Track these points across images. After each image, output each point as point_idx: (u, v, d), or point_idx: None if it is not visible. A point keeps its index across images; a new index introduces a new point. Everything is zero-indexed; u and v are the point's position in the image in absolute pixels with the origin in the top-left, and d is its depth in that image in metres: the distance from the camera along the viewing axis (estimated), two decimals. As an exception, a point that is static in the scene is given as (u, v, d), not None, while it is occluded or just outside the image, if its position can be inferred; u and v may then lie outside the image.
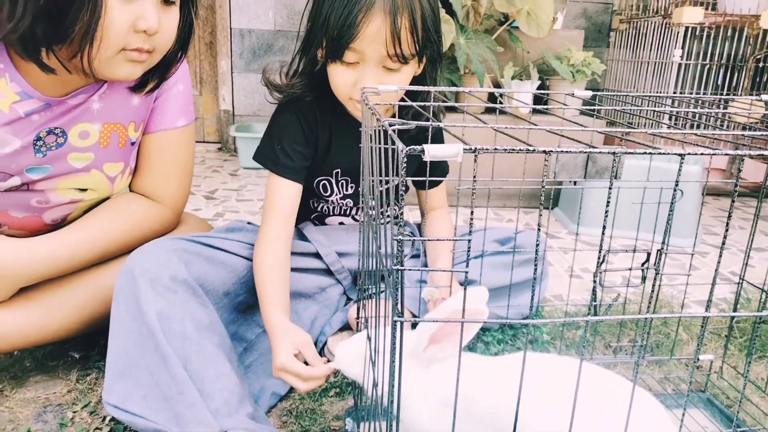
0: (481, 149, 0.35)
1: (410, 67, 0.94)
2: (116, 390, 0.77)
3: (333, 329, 1.03)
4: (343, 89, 0.94)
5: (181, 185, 1.05)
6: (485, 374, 0.64)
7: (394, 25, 0.86)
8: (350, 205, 1.13)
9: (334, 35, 0.87)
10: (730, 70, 2.56)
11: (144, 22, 0.77)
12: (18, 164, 0.88)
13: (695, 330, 1.17)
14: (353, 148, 1.04)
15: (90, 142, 0.93)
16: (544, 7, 2.01)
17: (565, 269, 1.56)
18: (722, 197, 2.45)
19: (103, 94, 0.92)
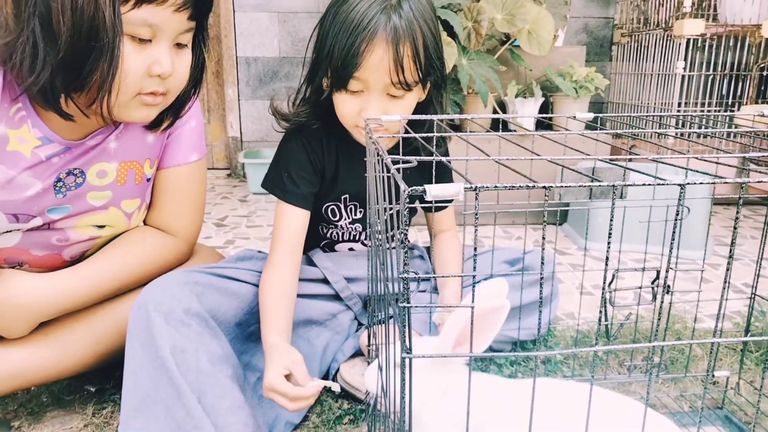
0: (482, 187, 0.36)
1: (414, 93, 0.96)
2: (133, 426, 0.78)
3: (345, 356, 1.04)
4: (348, 118, 0.96)
5: (194, 218, 1.07)
6: (499, 403, 0.64)
7: (396, 54, 0.88)
8: (359, 230, 1.14)
9: (339, 65, 0.89)
10: (735, 79, 2.56)
11: (158, 66, 0.78)
12: (39, 206, 0.90)
13: (710, 345, 1.16)
14: (361, 174, 1.06)
15: (108, 180, 0.96)
16: (544, 25, 2.03)
17: (576, 286, 1.56)
18: (732, 206, 2.44)
19: (119, 134, 0.94)
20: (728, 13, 2.40)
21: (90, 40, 0.71)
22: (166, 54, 0.79)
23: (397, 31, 0.88)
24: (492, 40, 2.14)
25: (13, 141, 0.83)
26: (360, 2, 0.90)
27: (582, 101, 2.21)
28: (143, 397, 0.78)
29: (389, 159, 0.46)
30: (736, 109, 2.55)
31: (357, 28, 0.88)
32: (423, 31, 0.91)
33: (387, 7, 0.89)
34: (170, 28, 0.78)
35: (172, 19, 0.77)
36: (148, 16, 0.75)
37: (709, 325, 1.31)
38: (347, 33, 0.88)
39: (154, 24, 0.76)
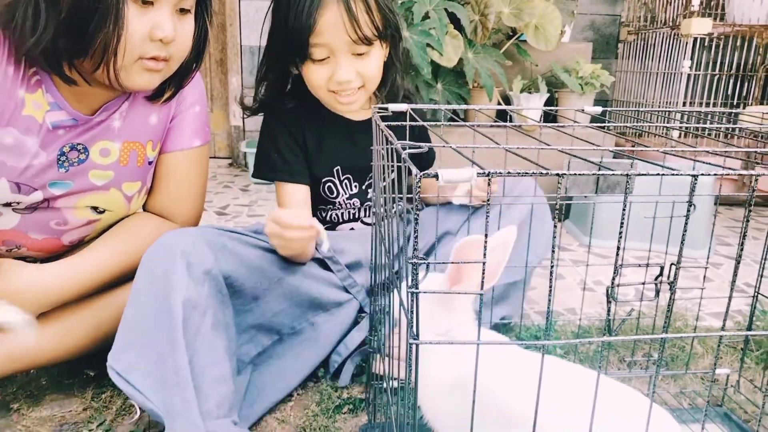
0: (495, 173, 0.36)
1: (377, 49, 1.00)
2: (123, 359, 0.77)
3: (348, 350, 1.03)
4: (320, 85, 1.00)
5: (195, 204, 1.06)
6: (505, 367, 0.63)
7: (348, 9, 0.92)
8: (357, 205, 1.15)
9: (294, 33, 0.93)
10: (740, 79, 2.55)
11: (160, 31, 0.77)
12: (42, 179, 0.89)
13: (710, 343, 1.16)
14: (346, 145, 1.10)
15: (110, 160, 0.95)
16: (552, 20, 2.02)
17: (578, 282, 1.56)
18: (735, 207, 2.43)
19: (124, 113, 0.94)
20: (736, 12, 2.39)
21: (92, 1, 0.71)
22: (168, 18, 0.78)
23: None
24: (498, 34, 2.13)
25: (29, 106, 0.82)
26: None
27: (587, 98, 2.21)
28: (141, 334, 0.77)
29: (399, 144, 0.46)
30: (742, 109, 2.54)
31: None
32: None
33: None
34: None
35: None
36: None
37: (710, 323, 1.31)
38: (299, 1, 0.92)
39: None
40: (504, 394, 0.61)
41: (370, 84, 1.02)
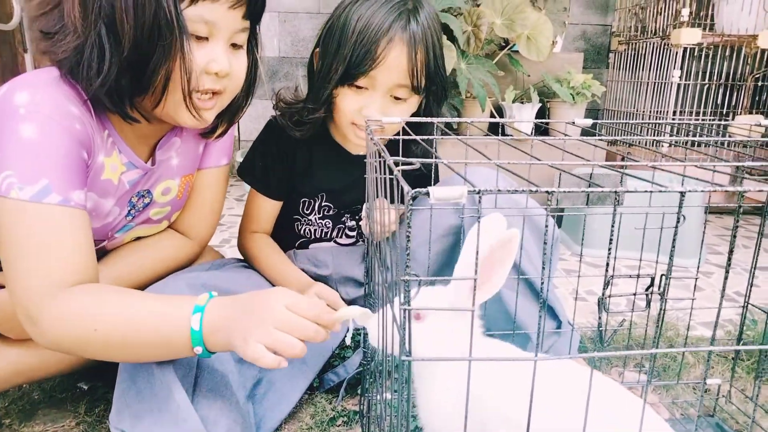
0: (485, 191, 0.36)
1: (415, 99, 0.99)
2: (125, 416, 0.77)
3: (348, 373, 1.03)
4: (347, 114, 0.98)
5: (212, 222, 1.07)
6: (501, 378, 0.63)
7: (413, 57, 0.92)
8: (329, 226, 1.15)
9: (354, 62, 0.92)
10: (729, 89, 2.59)
11: (216, 64, 0.79)
12: (112, 230, 0.92)
13: (702, 353, 1.17)
14: (336, 174, 1.10)
15: (171, 196, 0.98)
16: (543, 31, 2.04)
17: (570, 292, 1.56)
18: (725, 215, 2.46)
19: (179, 149, 0.95)
20: (725, 23, 2.42)
21: (152, 38, 0.72)
22: (223, 52, 0.80)
23: (414, 35, 0.92)
24: (491, 44, 2.15)
25: (107, 169, 0.83)
26: (377, 4, 0.93)
27: (578, 107, 2.23)
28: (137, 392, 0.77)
29: (392, 160, 0.46)
30: (731, 119, 2.57)
31: (377, 28, 0.91)
32: (434, 40, 0.95)
33: (404, 12, 0.93)
34: (226, 26, 0.78)
35: (228, 17, 0.78)
36: (204, 12, 0.75)
37: (701, 332, 1.32)
38: (367, 31, 0.91)
39: (210, 21, 0.76)
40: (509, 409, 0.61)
41: (391, 130, 1.00)
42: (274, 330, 0.66)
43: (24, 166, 0.70)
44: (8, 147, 0.70)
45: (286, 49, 2.88)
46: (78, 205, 0.74)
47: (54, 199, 0.71)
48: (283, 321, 0.67)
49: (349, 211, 1.15)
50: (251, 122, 2.95)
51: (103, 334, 0.70)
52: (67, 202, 0.73)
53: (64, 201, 0.72)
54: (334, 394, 1.02)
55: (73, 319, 0.70)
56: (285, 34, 2.86)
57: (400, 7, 0.93)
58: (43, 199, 0.71)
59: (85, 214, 0.76)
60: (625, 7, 2.80)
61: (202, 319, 0.70)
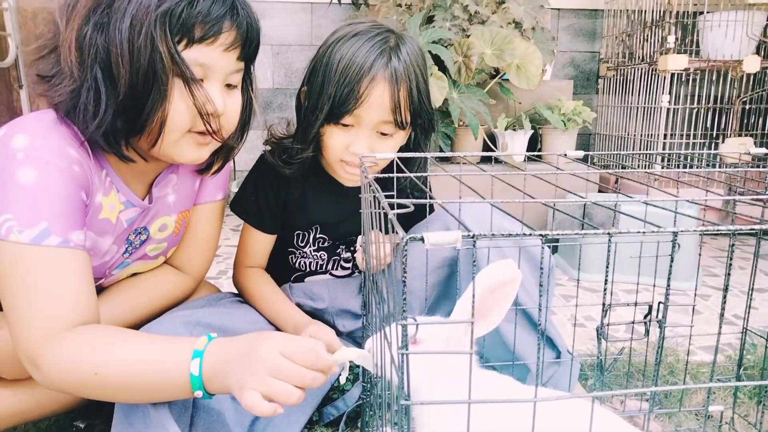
0: (480, 235, 0.37)
1: (402, 134, 1.00)
2: None
3: (348, 406, 1.02)
4: (335, 151, 0.99)
5: (208, 257, 1.07)
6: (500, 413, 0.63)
7: (395, 94, 0.93)
8: (324, 258, 1.15)
9: (338, 102, 0.93)
10: (718, 112, 2.63)
11: (210, 105, 0.79)
12: (110, 267, 0.92)
13: (703, 378, 1.16)
14: (330, 206, 1.10)
15: (167, 233, 0.98)
16: (533, 60, 2.08)
17: (568, 318, 1.56)
18: (720, 236, 2.47)
19: (176, 185, 0.96)
20: (710, 49, 2.47)
21: (148, 82, 0.73)
22: (218, 93, 0.80)
23: (396, 72, 0.93)
24: (482, 74, 2.19)
25: (105, 209, 0.84)
26: (359, 43, 0.93)
27: (570, 134, 2.25)
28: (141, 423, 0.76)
29: (386, 202, 0.47)
30: (720, 141, 2.60)
31: (359, 67, 0.92)
32: (416, 75, 0.96)
33: (386, 50, 0.93)
34: (220, 68, 0.79)
35: (222, 59, 0.79)
36: (199, 56, 0.76)
37: (701, 357, 1.32)
38: (349, 71, 0.92)
39: (205, 64, 0.77)
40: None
41: (379, 165, 1.02)
42: (269, 378, 0.66)
43: (23, 209, 0.70)
44: (7, 191, 0.71)
45: (279, 81, 2.92)
46: (78, 245, 0.74)
47: (53, 241, 0.71)
48: (280, 369, 0.66)
49: (344, 242, 1.15)
50: (246, 153, 2.97)
51: (103, 378, 0.70)
52: (67, 243, 0.73)
53: (63, 242, 0.72)
54: (334, 427, 1.01)
55: (74, 364, 0.70)
56: (278, 66, 2.90)
57: (382, 45, 0.94)
58: (43, 242, 0.71)
59: (85, 254, 0.76)
60: (612, 35, 2.86)
61: (201, 364, 0.69)
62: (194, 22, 0.74)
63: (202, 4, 0.74)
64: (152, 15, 0.71)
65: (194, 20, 0.74)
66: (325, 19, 2.87)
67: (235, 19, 0.78)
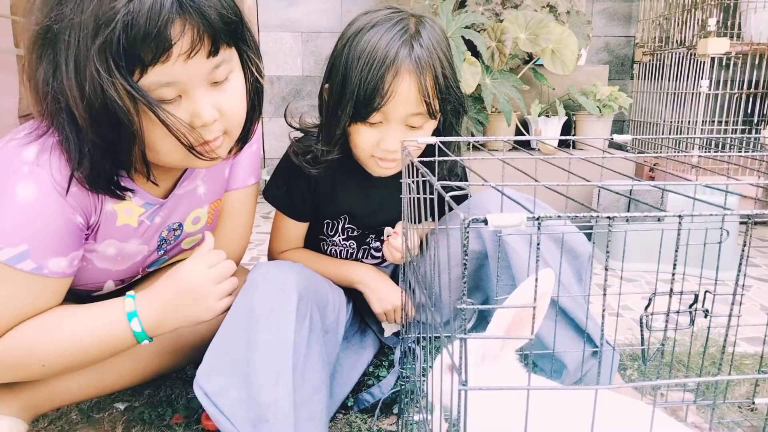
0: (545, 217, 0.36)
1: (431, 124, 0.96)
2: (213, 381, 0.77)
3: (384, 393, 1.02)
4: (365, 150, 0.96)
5: (243, 243, 1.07)
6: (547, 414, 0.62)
7: (422, 85, 0.88)
8: (354, 246, 1.15)
9: (363, 100, 0.88)
10: (760, 97, 2.54)
11: (199, 119, 0.72)
12: (144, 266, 0.93)
13: (746, 370, 1.13)
14: (359, 198, 1.09)
15: (201, 224, 0.98)
16: (568, 45, 2.03)
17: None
18: (759, 225, 2.40)
19: (205, 177, 0.94)
20: (753, 31, 2.38)
21: (113, 123, 0.66)
22: (202, 102, 0.72)
23: (420, 61, 0.88)
24: (515, 59, 2.15)
25: (121, 215, 0.83)
26: (379, 34, 0.88)
27: (605, 120, 2.21)
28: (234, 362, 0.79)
29: (439, 184, 0.46)
30: (762, 128, 2.52)
31: (382, 61, 0.87)
32: (441, 59, 0.91)
33: (407, 39, 0.88)
34: (191, 77, 0.70)
35: (189, 68, 0.68)
36: (161, 77, 0.67)
37: (744, 348, 1.28)
38: (371, 67, 0.87)
39: (171, 82, 0.68)
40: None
41: (414, 154, 0.96)
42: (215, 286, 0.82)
43: (9, 227, 0.71)
44: (3, 206, 0.70)
45: (309, 68, 2.92)
46: (53, 273, 0.75)
47: (27, 266, 0.72)
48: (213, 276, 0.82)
49: (374, 231, 1.14)
50: (276, 141, 2.99)
51: (51, 366, 0.77)
52: (39, 270, 0.73)
53: (36, 269, 0.73)
54: (369, 414, 1.01)
55: (17, 364, 0.77)
56: (308, 54, 2.90)
57: (402, 34, 0.88)
58: (17, 264, 0.71)
59: (58, 281, 0.77)
60: (649, 18, 2.78)
61: (141, 322, 0.78)
62: (137, 46, 0.63)
63: (138, 20, 0.62)
64: (92, 52, 0.62)
65: (137, 45, 0.63)
66: (355, 5, 2.85)
67: (185, 17, 0.66)
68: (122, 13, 0.62)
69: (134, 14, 0.62)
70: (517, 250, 0.91)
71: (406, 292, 0.83)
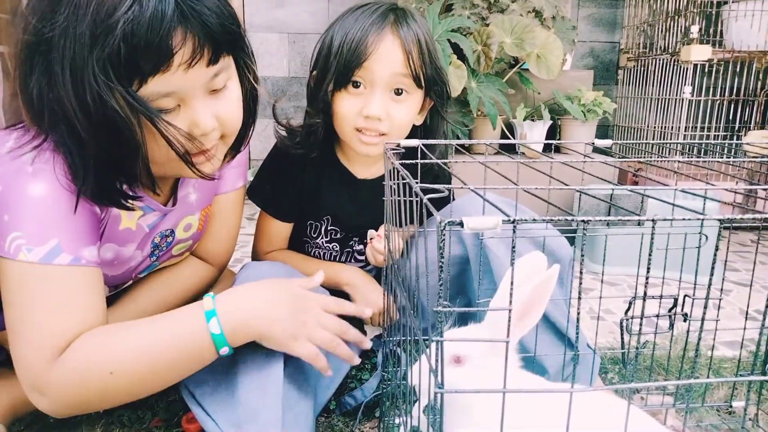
0: (521, 220, 0.36)
1: (416, 97, 0.97)
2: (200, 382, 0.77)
3: (366, 396, 1.01)
4: (348, 118, 0.97)
5: (230, 245, 1.07)
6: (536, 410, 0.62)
7: (405, 46, 0.92)
8: (337, 249, 1.15)
9: (346, 57, 0.92)
10: (741, 104, 2.58)
11: (198, 129, 0.71)
12: (136, 271, 0.92)
13: (725, 374, 1.15)
14: (343, 200, 1.10)
15: (192, 231, 0.97)
16: (553, 50, 2.05)
17: (587, 311, 1.54)
18: (740, 231, 2.43)
19: (196, 184, 0.94)
20: (735, 39, 2.42)
21: (113, 134, 0.65)
22: (201, 112, 0.71)
23: (403, 28, 0.93)
24: (501, 63, 2.16)
25: (124, 218, 0.81)
26: (365, 13, 0.94)
27: (590, 124, 2.22)
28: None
29: (418, 187, 0.46)
30: (743, 134, 2.56)
31: (365, 27, 0.91)
32: (424, 34, 0.96)
33: (390, 15, 0.94)
34: (191, 86, 0.69)
35: (189, 78, 0.68)
36: (161, 87, 0.66)
37: (723, 352, 1.30)
38: (355, 33, 0.91)
39: (171, 92, 0.67)
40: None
41: (396, 132, 0.99)
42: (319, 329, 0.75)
43: (32, 226, 0.67)
44: (17, 207, 0.67)
45: (295, 69, 2.91)
46: (90, 262, 0.71)
47: (65, 260, 0.68)
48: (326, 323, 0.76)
49: (357, 234, 1.14)
50: (260, 142, 2.97)
51: (120, 374, 0.67)
52: (78, 261, 0.69)
53: (75, 260, 0.69)
54: (351, 417, 1.01)
55: (84, 372, 0.67)
56: (294, 55, 2.89)
57: (386, 13, 0.94)
58: (53, 260, 0.67)
59: (97, 271, 0.72)
60: (633, 25, 2.81)
61: (220, 322, 0.69)
62: (138, 56, 0.62)
63: (139, 29, 0.61)
64: (90, 62, 0.61)
65: (137, 54, 0.62)
66: (342, 7, 2.85)
67: (186, 26, 0.65)
68: (123, 21, 0.60)
69: (135, 23, 0.60)
70: (498, 255, 0.91)
71: (388, 295, 0.83)
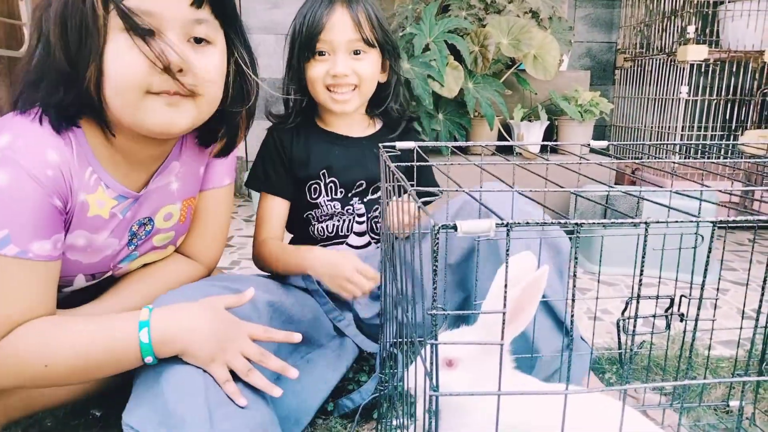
0: (514, 224, 0.36)
1: (374, 55, 1.14)
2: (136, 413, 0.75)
3: (364, 399, 1.01)
4: (319, 79, 1.12)
5: (219, 244, 1.06)
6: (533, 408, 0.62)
7: (353, 13, 1.10)
8: (338, 209, 1.18)
9: (307, 34, 1.10)
10: (738, 104, 2.58)
11: (164, 58, 0.72)
12: (114, 261, 0.91)
13: (722, 373, 1.15)
14: (334, 151, 1.19)
15: (173, 222, 0.96)
16: (550, 50, 2.05)
17: (584, 311, 1.55)
18: (737, 230, 2.44)
19: (179, 174, 0.94)
20: (731, 39, 2.43)
21: (80, 40, 0.69)
22: (174, 45, 0.72)
23: (352, 2, 1.10)
24: (498, 64, 2.16)
25: (93, 206, 0.82)
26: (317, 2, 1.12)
27: (587, 125, 2.23)
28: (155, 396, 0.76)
29: (413, 191, 0.46)
30: (739, 134, 2.56)
31: (317, 5, 1.10)
32: (370, 8, 1.13)
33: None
34: (173, 17, 0.72)
35: (172, 5, 0.71)
36: (139, 3, 0.69)
37: (720, 351, 1.30)
38: (313, 11, 1.10)
39: (149, 11, 0.70)
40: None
41: (364, 86, 1.14)
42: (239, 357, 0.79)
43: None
44: None
45: (293, 71, 2.91)
46: (37, 256, 0.73)
47: (11, 251, 0.71)
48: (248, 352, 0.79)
49: (356, 193, 1.18)
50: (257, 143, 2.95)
51: (54, 368, 0.73)
52: (24, 254, 0.72)
53: (20, 253, 0.71)
54: (349, 419, 1.01)
55: (22, 362, 0.72)
56: (292, 56, 2.90)
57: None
58: (0, 251, 0.70)
59: (48, 264, 0.75)
60: (630, 25, 2.82)
61: (150, 333, 0.74)
62: None
63: None
64: None
65: None
66: (338, 9, 2.85)
67: None
68: None
69: None
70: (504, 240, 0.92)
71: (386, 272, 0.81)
